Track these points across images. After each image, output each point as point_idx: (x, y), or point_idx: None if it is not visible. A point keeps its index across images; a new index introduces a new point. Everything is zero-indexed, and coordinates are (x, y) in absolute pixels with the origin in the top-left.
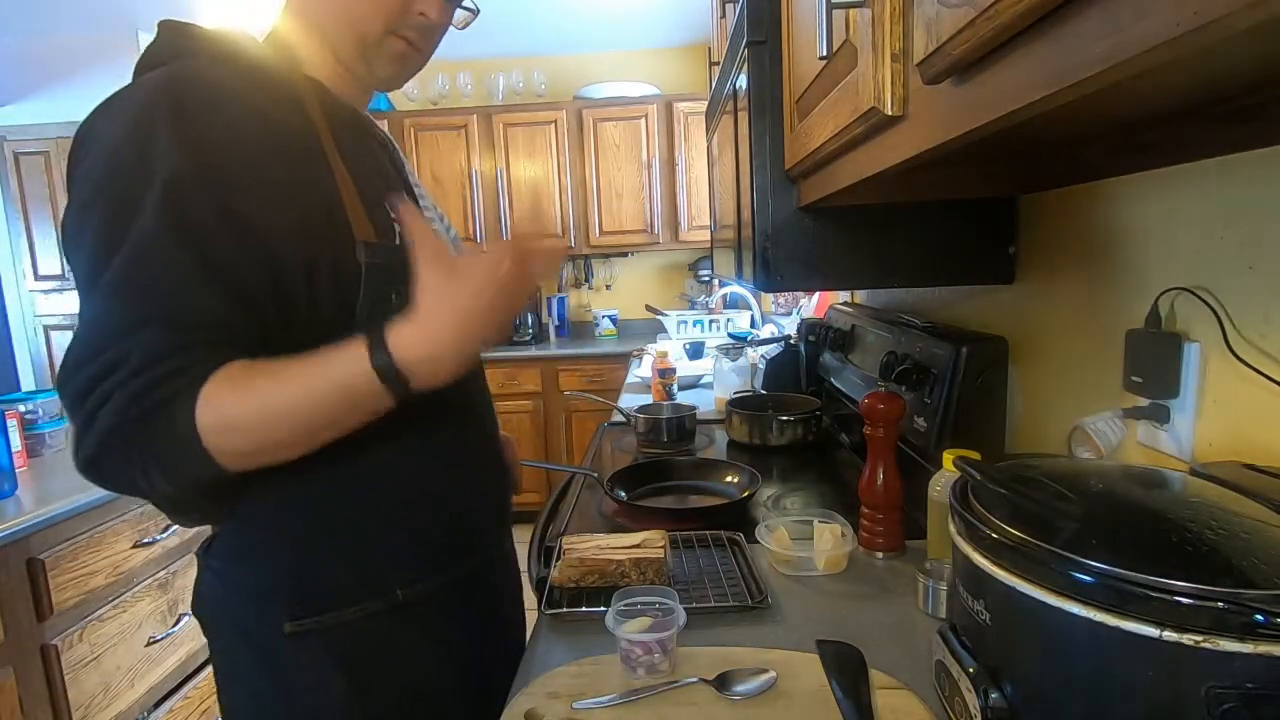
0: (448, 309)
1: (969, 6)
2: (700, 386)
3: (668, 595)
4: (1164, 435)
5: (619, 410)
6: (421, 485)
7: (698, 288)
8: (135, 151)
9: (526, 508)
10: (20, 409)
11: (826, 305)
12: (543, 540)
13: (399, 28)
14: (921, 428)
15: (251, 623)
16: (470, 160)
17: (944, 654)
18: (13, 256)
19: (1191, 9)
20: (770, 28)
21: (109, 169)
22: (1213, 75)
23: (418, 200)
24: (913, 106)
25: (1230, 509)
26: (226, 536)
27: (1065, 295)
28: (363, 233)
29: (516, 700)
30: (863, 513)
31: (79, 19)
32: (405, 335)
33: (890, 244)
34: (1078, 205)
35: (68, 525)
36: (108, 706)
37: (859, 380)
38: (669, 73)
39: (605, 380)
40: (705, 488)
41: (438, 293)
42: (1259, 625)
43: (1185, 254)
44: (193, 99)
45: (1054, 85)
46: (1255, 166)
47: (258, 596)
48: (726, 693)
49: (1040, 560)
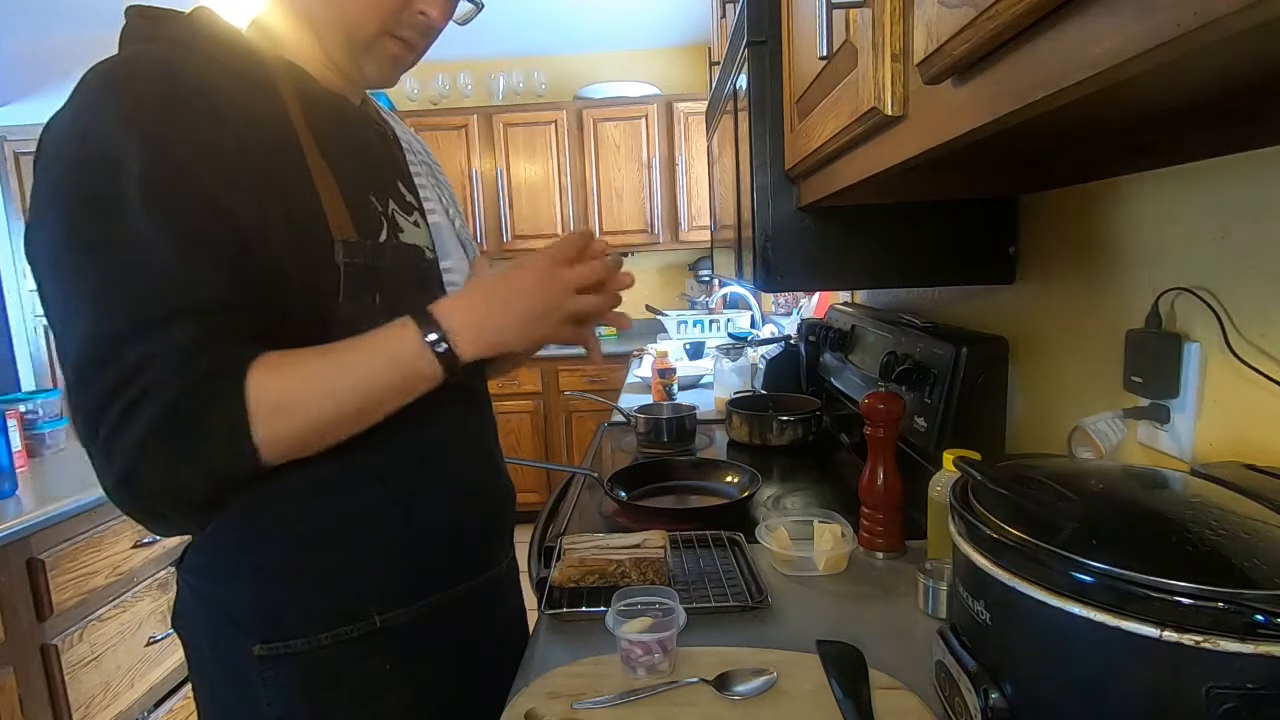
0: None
1: (969, 6)
2: (700, 386)
3: (668, 595)
4: (1164, 435)
5: (619, 410)
6: (410, 505)
7: (698, 288)
8: (92, 144)
9: (527, 508)
10: (20, 409)
11: (826, 305)
12: (543, 540)
13: (395, 28)
14: (921, 428)
15: (223, 642)
16: (470, 160)
17: (944, 654)
18: (13, 256)
19: (1192, 9)
20: (770, 28)
21: (64, 165)
22: (1213, 75)
23: (417, 191)
24: (913, 106)
25: (1230, 509)
26: (200, 554)
27: (1065, 295)
28: (342, 231)
29: (516, 700)
30: (863, 513)
31: (78, 19)
32: (446, 304)
33: (890, 244)
34: (1078, 205)
35: (68, 525)
36: (108, 706)
37: (859, 380)
38: (669, 73)
39: (605, 380)
40: (705, 488)
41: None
42: (1259, 625)
43: (1185, 254)
44: (139, 85)
45: (1054, 85)
46: (1255, 166)
47: (229, 617)
48: (726, 693)
49: (1040, 560)
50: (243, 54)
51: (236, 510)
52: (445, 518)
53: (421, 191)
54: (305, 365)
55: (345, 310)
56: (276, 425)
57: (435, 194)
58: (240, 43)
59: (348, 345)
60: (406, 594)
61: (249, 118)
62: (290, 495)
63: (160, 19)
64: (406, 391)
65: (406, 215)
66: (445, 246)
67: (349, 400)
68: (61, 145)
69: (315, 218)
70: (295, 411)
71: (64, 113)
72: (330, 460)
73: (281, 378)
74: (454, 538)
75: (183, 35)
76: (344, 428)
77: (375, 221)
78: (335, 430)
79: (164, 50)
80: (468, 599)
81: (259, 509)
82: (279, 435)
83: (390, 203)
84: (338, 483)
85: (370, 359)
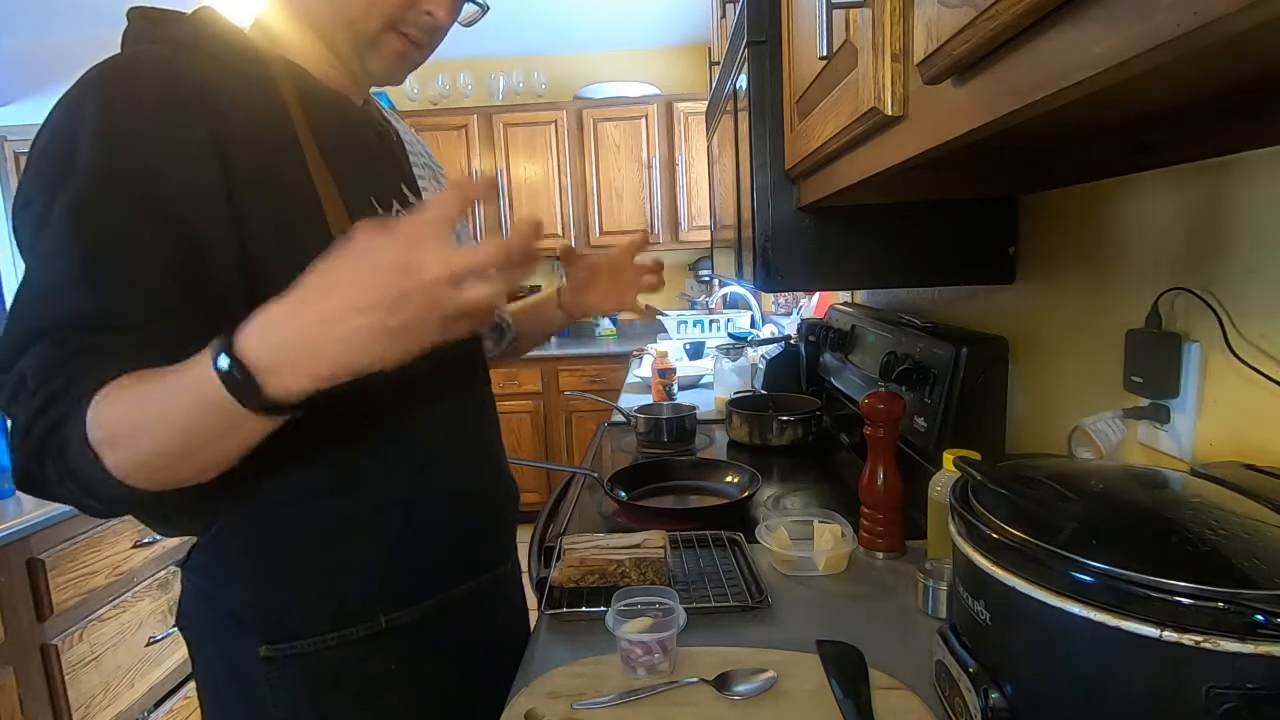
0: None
1: (969, 6)
2: (700, 386)
3: (668, 595)
4: (1164, 435)
5: (619, 410)
6: (413, 506)
7: (698, 288)
8: (62, 142)
9: (527, 508)
10: None
11: (826, 305)
12: (543, 540)
13: (401, 24)
14: (921, 428)
15: (228, 642)
16: (470, 160)
17: (944, 654)
18: (13, 256)
19: (1191, 9)
20: (770, 28)
21: (37, 168)
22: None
23: (419, 193)
24: (913, 106)
25: (1230, 509)
26: (205, 554)
27: (1065, 295)
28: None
29: (516, 700)
30: (863, 513)
31: (78, 19)
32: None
33: (890, 244)
34: (1078, 205)
35: (68, 525)
36: (108, 706)
37: (859, 380)
38: (669, 73)
39: (605, 380)
40: (705, 488)
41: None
42: (1259, 625)
43: (1185, 254)
44: (129, 86)
45: (1054, 85)
46: (1255, 166)
47: (234, 618)
48: (726, 693)
49: (1040, 560)
50: (245, 54)
51: (240, 511)
52: (448, 518)
53: (425, 194)
54: (142, 391)
55: None
56: (116, 456)
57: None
58: (243, 42)
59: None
60: (411, 594)
61: (249, 117)
62: (293, 497)
63: (162, 20)
64: (228, 436)
65: None
66: None
67: (172, 439)
68: (42, 140)
69: (315, 219)
70: (126, 445)
71: (55, 107)
72: (332, 461)
73: (117, 406)
74: (457, 538)
75: (185, 36)
76: (184, 468)
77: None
78: (177, 467)
79: (166, 50)
80: (472, 598)
81: (262, 510)
82: (125, 465)
83: (394, 203)
84: (340, 484)
85: (179, 391)
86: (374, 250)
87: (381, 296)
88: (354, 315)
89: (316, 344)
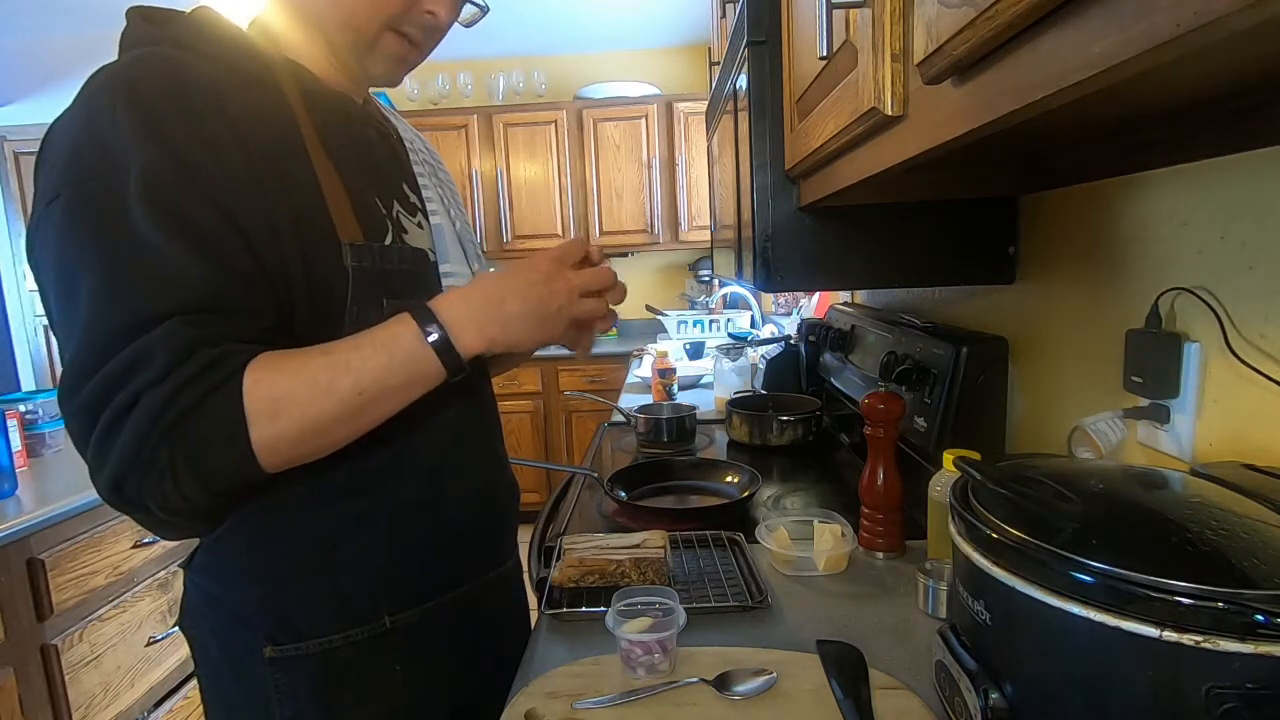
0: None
1: (969, 6)
2: (700, 386)
3: (668, 595)
4: (1164, 435)
5: (619, 410)
6: (417, 507)
7: (698, 288)
8: (96, 145)
9: (527, 508)
10: (20, 409)
11: (826, 305)
12: (543, 540)
13: (401, 25)
14: (921, 428)
15: (232, 644)
16: (470, 160)
17: (944, 654)
18: (13, 256)
19: (1191, 9)
20: (770, 28)
21: (66, 166)
22: (1213, 75)
23: (420, 192)
24: (913, 106)
25: (1230, 509)
26: (209, 555)
27: (1065, 295)
28: (348, 234)
29: (516, 700)
30: (863, 513)
31: (79, 19)
32: (447, 299)
33: (890, 244)
34: (1078, 205)
35: (68, 525)
36: (108, 706)
37: (859, 380)
38: (669, 73)
39: (605, 380)
40: (705, 488)
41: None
42: (1259, 625)
43: (1185, 254)
44: (147, 86)
45: (1054, 85)
46: (1255, 166)
47: (239, 619)
48: (726, 693)
49: (1040, 560)
50: (246, 53)
51: (244, 515)
52: (452, 518)
53: (425, 192)
54: (303, 364)
55: (353, 314)
56: (274, 427)
57: (437, 194)
58: (243, 42)
59: (346, 344)
60: (416, 594)
61: (255, 117)
62: (297, 499)
63: (162, 20)
64: (408, 390)
65: (410, 216)
66: (445, 248)
67: (348, 400)
68: (66, 146)
69: (321, 220)
70: (292, 412)
71: (69, 114)
72: (337, 463)
73: (278, 377)
74: (461, 538)
75: (185, 36)
76: (342, 430)
77: (380, 224)
78: (333, 432)
79: (170, 51)
80: (475, 597)
81: (267, 513)
82: (277, 437)
83: (395, 204)
84: (345, 485)
85: (369, 357)
86: (534, 262)
87: (535, 294)
88: (517, 302)
89: (491, 316)
